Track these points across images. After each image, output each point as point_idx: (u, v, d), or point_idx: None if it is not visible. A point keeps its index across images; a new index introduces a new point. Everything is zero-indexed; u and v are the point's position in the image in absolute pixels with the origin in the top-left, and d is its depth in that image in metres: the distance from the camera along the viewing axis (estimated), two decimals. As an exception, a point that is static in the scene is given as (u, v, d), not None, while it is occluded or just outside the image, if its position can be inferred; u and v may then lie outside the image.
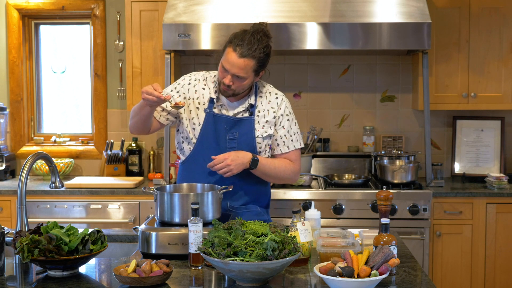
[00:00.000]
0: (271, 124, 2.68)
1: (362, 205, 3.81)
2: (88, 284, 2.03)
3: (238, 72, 2.51)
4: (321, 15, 3.76)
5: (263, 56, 2.53)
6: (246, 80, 2.55)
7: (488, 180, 4.04)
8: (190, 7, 3.82)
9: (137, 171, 4.46)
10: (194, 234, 2.15)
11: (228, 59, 2.52)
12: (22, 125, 4.62)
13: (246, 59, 2.50)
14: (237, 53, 2.49)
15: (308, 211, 2.47)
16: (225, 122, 2.64)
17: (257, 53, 2.50)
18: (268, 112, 2.68)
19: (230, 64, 2.51)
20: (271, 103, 2.69)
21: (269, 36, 2.58)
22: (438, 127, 4.46)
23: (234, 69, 2.51)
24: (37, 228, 2.15)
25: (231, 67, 2.52)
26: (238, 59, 2.50)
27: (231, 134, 2.63)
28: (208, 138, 2.64)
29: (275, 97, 2.71)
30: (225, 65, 2.53)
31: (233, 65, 2.51)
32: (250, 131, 2.64)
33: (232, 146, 2.63)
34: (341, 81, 4.48)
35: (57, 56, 4.72)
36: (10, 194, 3.97)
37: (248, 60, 2.50)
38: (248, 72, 2.53)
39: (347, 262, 1.96)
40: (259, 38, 2.52)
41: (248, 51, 2.49)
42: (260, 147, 2.66)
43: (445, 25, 4.08)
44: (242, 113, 2.65)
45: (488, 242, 3.88)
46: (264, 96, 2.70)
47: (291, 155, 2.72)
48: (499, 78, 4.11)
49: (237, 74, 2.52)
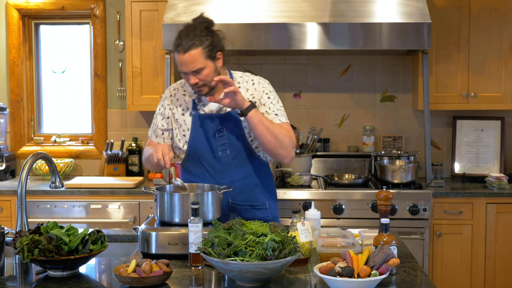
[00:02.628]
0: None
1: (362, 205, 3.81)
2: (88, 284, 2.03)
3: (192, 67, 2.51)
4: (321, 15, 3.76)
5: (205, 38, 2.52)
6: (205, 69, 2.53)
7: (488, 180, 4.04)
8: (190, 7, 3.82)
9: (137, 171, 4.46)
10: (194, 234, 2.15)
11: (178, 62, 2.53)
12: (22, 125, 4.62)
13: (191, 51, 2.49)
14: (181, 52, 2.51)
15: (308, 211, 2.47)
16: (211, 120, 2.64)
17: (197, 40, 2.50)
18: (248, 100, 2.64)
19: (181, 65, 2.53)
20: (250, 90, 2.67)
21: (205, 21, 2.57)
22: (438, 127, 4.46)
23: (188, 66, 2.52)
24: (37, 228, 2.15)
25: (184, 67, 2.53)
26: (183, 56, 2.50)
27: (219, 131, 2.64)
28: (200, 140, 2.65)
29: (252, 83, 2.69)
30: (180, 69, 2.55)
31: (184, 64, 2.52)
32: (236, 124, 2.64)
33: (223, 143, 2.64)
34: (341, 81, 4.48)
35: (57, 56, 4.72)
36: (10, 194, 3.97)
37: (193, 51, 2.50)
38: (201, 61, 2.51)
39: (347, 262, 1.96)
40: (193, 27, 2.53)
41: (187, 43, 2.49)
42: (250, 136, 2.65)
43: (445, 25, 4.08)
44: (225, 108, 2.65)
45: (488, 242, 3.88)
46: (242, 85, 2.68)
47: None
48: (499, 78, 4.11)
49: (193, 69, 2.52)
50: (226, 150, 2.64)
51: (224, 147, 2.64)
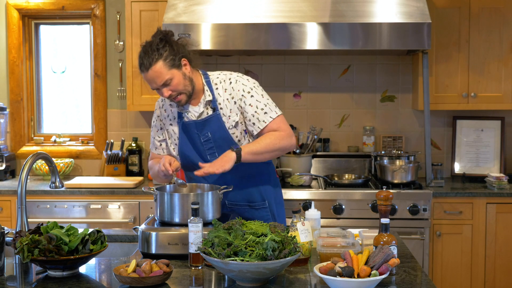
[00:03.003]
0: (235, 110, 2.63)
1: (362, 205, 3.81)
2: (88, 284, 2.03)
3: (160, 81, 2.52)
4: (321, 15, 3.76)
5: (163, 50, 2.52)
6: (174, 79, 2.54)
7: (488, 180, 4.04)
8: (190, 7, 3.82)
9: (137, 171, 4.46)
10: (194, 234, 2.15)
11: (147, 80, 2.56)
12: (22, 125, 4.62)
13: (153, 66, 2.50)
14: (144, 71, 2.52)
15: (308, 211, 2.47)
16: (194, 127, 2.64)
17: (155, 54, 2.51)
18: (228, 100, 2.63)
19: (150, 82, 2.55)
20: (228, 90, 2.65)
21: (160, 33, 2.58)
22: (438, 127, 4.46)
23: (156, 81, 2.53)
24: (37, 228, 2.15)
25: (153, 83, 2.54)
26: (148, 73, 2.52)
27: (204, 136, 2.64)
28: (187, 147, 2.67)
29: (229, 82, 2.66)
30: (151, 86, 2.57)
31: (152, 81, 2.53)
32: (220, 126, 2.62)
33: (210, 147, 2.64)
34: (341, 81, 4.48)
35: (57, 56, 4.72)
36: (10, 194, 3.97)
37: (155, 66, 2.50)
38: (165, 73, 2.52)
39: (347, 262, 1.96)
40: (150, 43, 2.54)
41: (147, 60, 2.50)
42: (236, 136, 2.64)
43: (445, 25, 4.08)
44: (206, 112, 2.64)
45: (488, 242, 3.88)
46: (219, 86, 2.66)
47: (271, 127, 2.62)
48: (499, 78, 4.11)
49: (161, 83, 2.53)
50: (214, 153, 2.64)
51: (212, 151, 2.65)
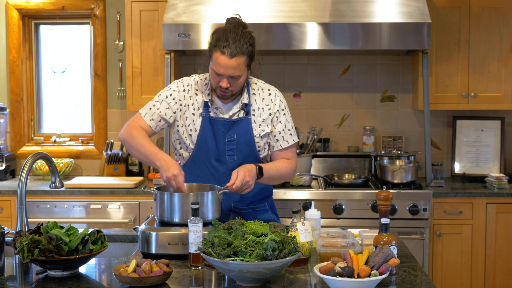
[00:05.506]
0: (268, 122, 2.65)
1: (362, 205, 3.81)
2: (88, 284, 2.03)
3: (233, 72, 2.48)
4: (321, 15, 3.76)
5: (251, 48, 2.51)
6: (242, 77, 2.53)
7: (488, 180, 4.04)
8: (190, 7, 3.82)
9: (137, 171, 4.46)
10: (194, 234, 2.15)
11: (220, 63, 2.47)
12: (22, 125, 4.62)
13: (237, 57, 2.46)
14: (227, 55, 2.45)
15: (308, 211, 2.47)
16: (222, 124, 2.61)
17: (245, 47, 2.48)
18: (264, 110, 2.64)
19: (223, 67, 2.47)
20: (265, 100, 2.66)
21: (246, 26, 2.56)
22: (438, 127, 4.46)
23: (229, 71, 2.48)
24: (37, 228, 2.15)
25: (225, 70, 2.48)
26: (229, 60, 2.46)
27: (229, 136, 2.61)
28: (207, 142, 2.62)
29: (268, 93, 2.67)
30: (218, 70, 2.49)
31: (227, 68, 2.47)
32: (248, 131, 2.62)
33: (231, 148, 2.62)
34: (341, 81, 4.48)
35: (57, 56, 4.72)
36: (10, 194, 3.97)
37: (240, 58, 2.47)
38: (241, 69, 2.50)
39: (347, 262, 1.96)
40: (241, 32, 2.50)
41: (236, 49, 2.45)
42: (259, 146, 2.64)
43: (445, 25, 4.08)
44: (238, 113, 2.63)
45: (488, 242, 3.88)
46: (257, 93, 2.66)
47: (289, 152, 2.69)
48: (499, 78, 4.11)
49: (232, 75, 2.49)
50: (233, 155, 2.62)
51: (232, 152, 2.62)
